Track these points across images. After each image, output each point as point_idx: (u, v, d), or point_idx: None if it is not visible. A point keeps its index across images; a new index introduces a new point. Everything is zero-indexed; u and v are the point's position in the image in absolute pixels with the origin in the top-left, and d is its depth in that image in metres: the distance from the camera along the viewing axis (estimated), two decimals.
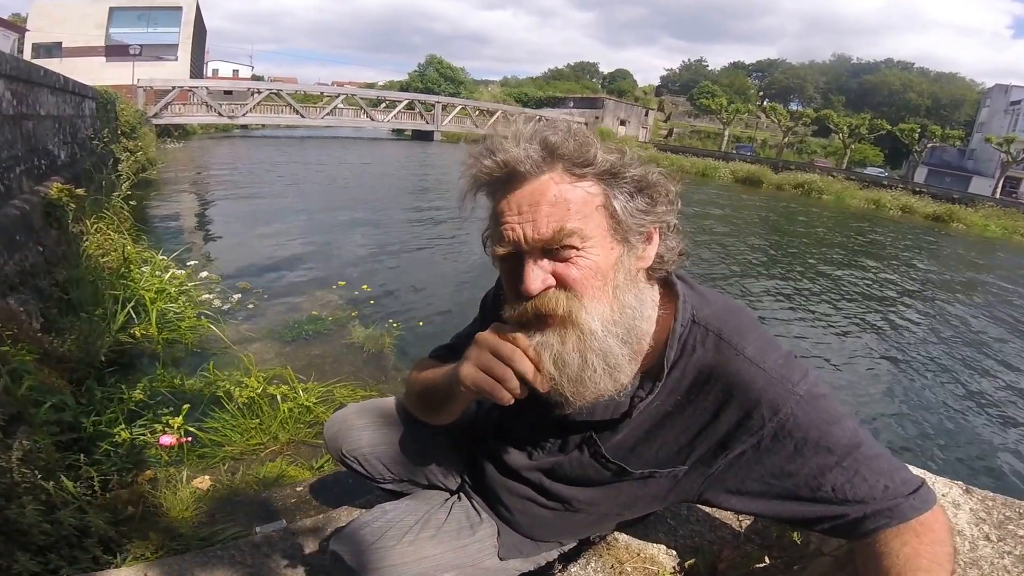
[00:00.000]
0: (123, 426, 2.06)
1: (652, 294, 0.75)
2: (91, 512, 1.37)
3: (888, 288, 7.98)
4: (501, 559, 0.93)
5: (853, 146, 37.32)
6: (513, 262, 0.69)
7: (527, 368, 0.68)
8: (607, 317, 0.68)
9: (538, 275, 0.66)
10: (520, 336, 0.70)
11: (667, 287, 0.78)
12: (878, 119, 36.77)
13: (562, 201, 0.66)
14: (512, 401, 0.70)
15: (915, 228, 17.34)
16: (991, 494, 0.92)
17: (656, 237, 0.74)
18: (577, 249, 0.66)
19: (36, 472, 1.36)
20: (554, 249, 0.66)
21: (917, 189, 24.91)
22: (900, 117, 45.44)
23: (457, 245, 7.17)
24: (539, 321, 0.68)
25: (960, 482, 0.94)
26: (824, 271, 8.61)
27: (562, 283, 0.67)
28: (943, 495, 0.90)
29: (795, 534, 0.96)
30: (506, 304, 0.72)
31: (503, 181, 0.69)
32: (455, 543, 0.91)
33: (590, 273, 0.67)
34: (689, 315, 0.74)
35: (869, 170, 35.83)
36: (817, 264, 9.08)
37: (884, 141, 39.55)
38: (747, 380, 0.69)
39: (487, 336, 0.73)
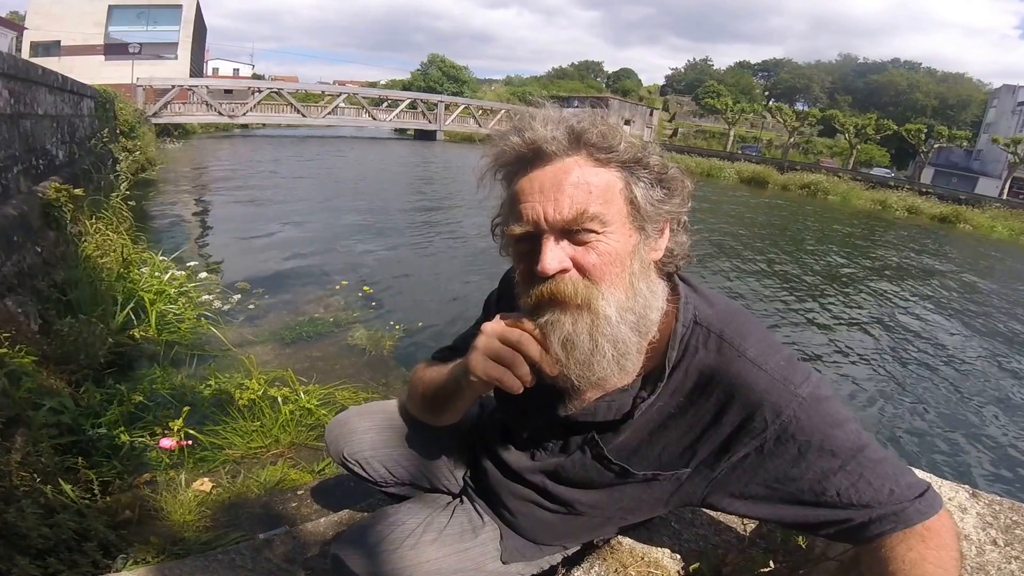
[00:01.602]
0: (123, 429, 2.05)
1: (662, 287, 0.75)
2: (90, 516, 1.37)
3: (893, 290, 7.94)
4: (504, 563, 0.93)
5: (859, 146, 36.99)
6: (529, 244, 0.69)
7: (534, 351, 0.69)
8: (622, 304, 0.68)
9: (556, 255, 0.66)
10: (526, 321, 0.70)
11: (670, 287, 0.78)
12: (884, 119, 36.35)
13: (584, 184, 0.66)
14: (522, 389, 0.70)
15: (921, 229, 17.21)
16: (998, 498, 0.92)
17: (668, 231, 0.74)
18: (597, 233, 0.67)
19: (35, 475, 1.35)
20: (573, 232, 0.67)
21: (923, 190, 24.72)
22: (906, 117, 45.08)
23: (460, 246, 7.14)
24: (552, 303, 0.68)
25: (967, 486, 0.93)
26: (828, 272, 8.57)
27: (580, 269, 0.67)
28: (949, 499, 0.90)
29: (800, 538, 0.95)
30: (519, 292, 0.72)
31: (527, 160, 0.69)
32: (457, 547, 0.91)
33: (609, 259, 0.67)
34: (691, 316, 0.74)
35: (875, 170, 35.68)
36: (822, 265, 9.05)
37: (890, 141, 39.33)
38: (749, 382, 0.69)
39: (493, 324, 0.73)
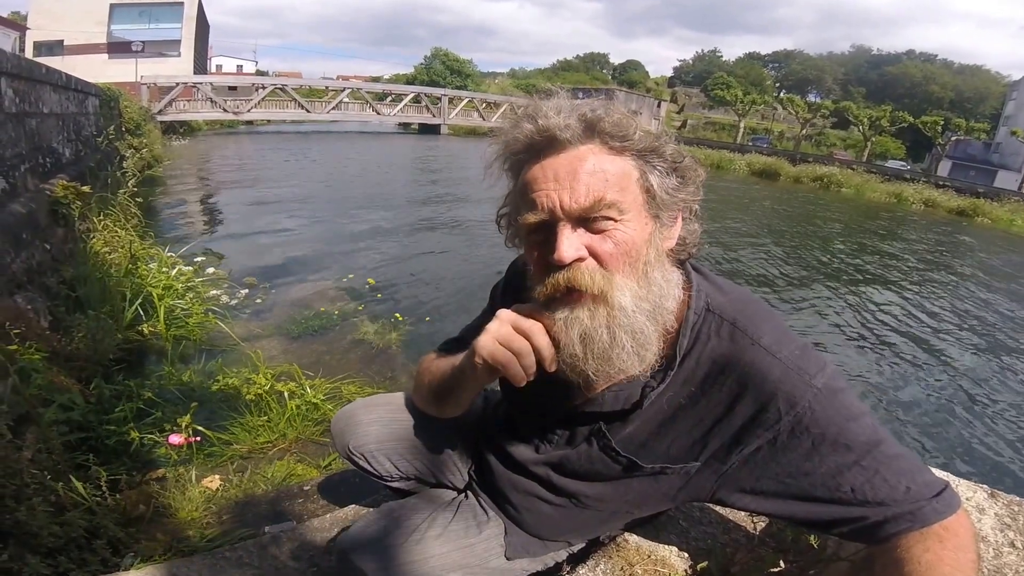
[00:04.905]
0: (132, 425, 2.06)
1: (677, 275, 0.74)
2: (100, 513, 1.37)
3: (908, 283, 7.80)
4: (508, 559, 0.93)
5: (874, 139, 35.99)
6: (544, 233, 0.68)
7: (544, 344, 0.68)
8: (637, 293, 0.67)
9: (573, 243, 0.65)
10: (543, 313, 0.69)
11: (682, 275, 0.76)
12: (899, 111, 35.21)
13: (600, 172, 0.65)
14: (524, 381, 0.70)
15: (938, 222, 16.85)
16: (1017, 499, 0.90)
17: (680, 220, 0.73)
18: (614, 221, 0.66)
19: (45, 473, 1.36)
20: (589, 220, 0.65)
21: (940, 183, 24.20)
22: (922, 110, 43.89)
23: (465, 239, 7.12)
24: (569, 295, 0.67)
25: (985, 486, 0.91)
26: (840, 265, 8.46)
27: (596, 258, 0.66)
28: (967, 499, 0.88)
29: (811, 537, 0.94)
30: (532, 282, 0.71)
31: (539, 148, 0.68)
32: (462, 542, 0.91)
33: (625, 248, 0.66)
34: (703, 304, 0.73)
35: (890, 163, 35.00)
36: (834, 259, 8.90)
37: (906, 134, 38.54)
38: (763, 371, 0.67)
39: (508, 312, 0.72)
